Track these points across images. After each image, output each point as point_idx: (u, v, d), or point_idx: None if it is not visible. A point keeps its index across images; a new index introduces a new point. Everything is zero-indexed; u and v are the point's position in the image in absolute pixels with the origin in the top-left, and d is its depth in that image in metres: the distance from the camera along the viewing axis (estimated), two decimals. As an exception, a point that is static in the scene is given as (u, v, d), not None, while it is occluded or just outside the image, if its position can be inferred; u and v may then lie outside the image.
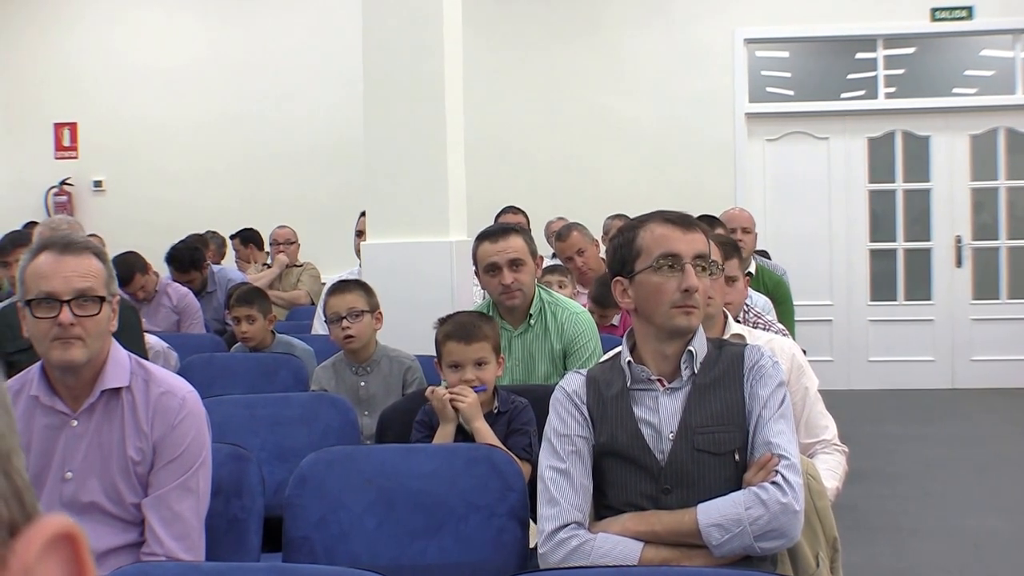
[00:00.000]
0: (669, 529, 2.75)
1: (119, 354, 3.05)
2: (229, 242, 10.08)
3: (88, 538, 0.81)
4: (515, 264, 4.58)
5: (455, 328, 3.88)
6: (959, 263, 11.09)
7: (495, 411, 3.82)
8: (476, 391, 3.73)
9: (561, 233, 7.36)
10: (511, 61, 11.09)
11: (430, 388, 3.92)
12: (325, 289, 5.43)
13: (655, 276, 2.86)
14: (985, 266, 11.14)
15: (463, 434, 3.76)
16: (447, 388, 3.81)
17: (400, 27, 5.87)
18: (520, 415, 3.81)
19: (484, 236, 4.72)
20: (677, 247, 2.87)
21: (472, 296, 5.99)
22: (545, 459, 2.91)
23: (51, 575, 0.78)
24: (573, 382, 2.97)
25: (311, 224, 10.15)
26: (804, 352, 4.29)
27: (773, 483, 2.73)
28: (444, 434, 3.74)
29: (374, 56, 5.93)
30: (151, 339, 5.99)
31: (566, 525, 2.80)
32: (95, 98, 11.52)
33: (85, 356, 2.92)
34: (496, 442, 3.66)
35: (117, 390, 3.01)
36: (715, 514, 2.71)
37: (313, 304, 8.11)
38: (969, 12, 10.78)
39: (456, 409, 3.72)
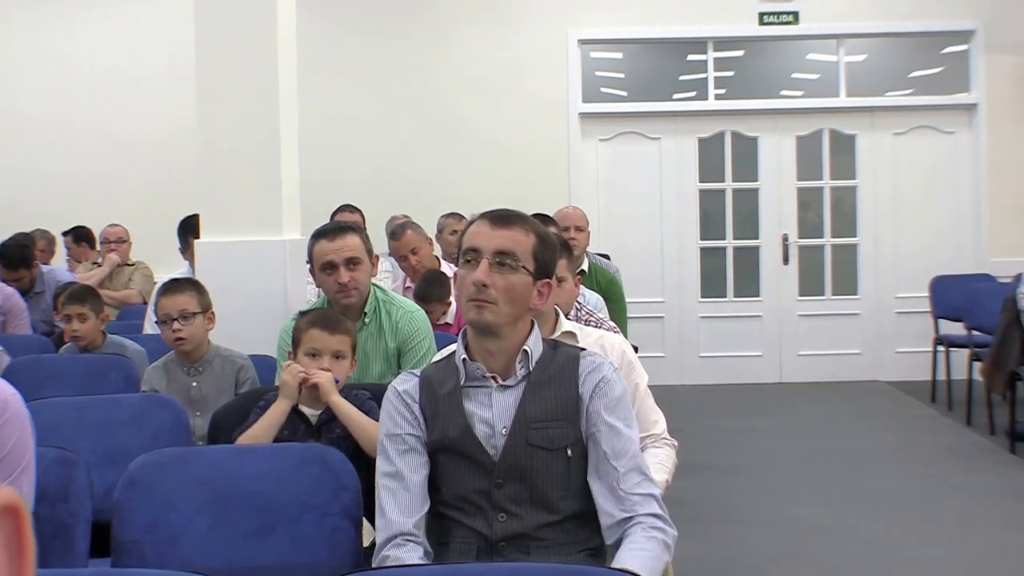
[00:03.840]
0: None
1: (-61, 356, 2.97)
2: (60, 240, 9.88)
3: None
4: (351, 263, 4.56)
5: (320, 317, 4.02)
6: (786, 261, 11.37)
7: None
8: None
9: (395, 232, 7.34)
10: (348, 59, 11.05)
11: (287, 362, 3.95)
12: (156, 289, 5.35)
13: (462, 269, 2.90)
14: (810, 263, 11.45)
15: (306, 423, 3.80)
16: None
17: (234, 24, 5.80)
18: (362, 407, 3.83)
19: (320, 234, 4.68)
20: (479, 242, 2.88)
21: (306, 295, 5.95)
22: (378, 464, 2.91)
23: None
24: (405, 382, 2.97)
25: (143, 223, 9.96)
26: (636, 349, 4.36)
27: (665, 523, 2.82)
28: (278, 410, 3.78)
29: (207, 53, 5.86)
30: (-12, 343, 5.86)
31: (393, 538, 2.81)
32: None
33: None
34: (355, 412, 3.77)
35: (-64, 393, 2.92)
36: (647, 572, 2.71)
37: (145, 304, 7.99)
38: (795, 16, 11.07)
39: (313, 387, 3.80)
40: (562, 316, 3.91)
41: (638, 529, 2.79)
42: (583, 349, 3.06)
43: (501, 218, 2.94)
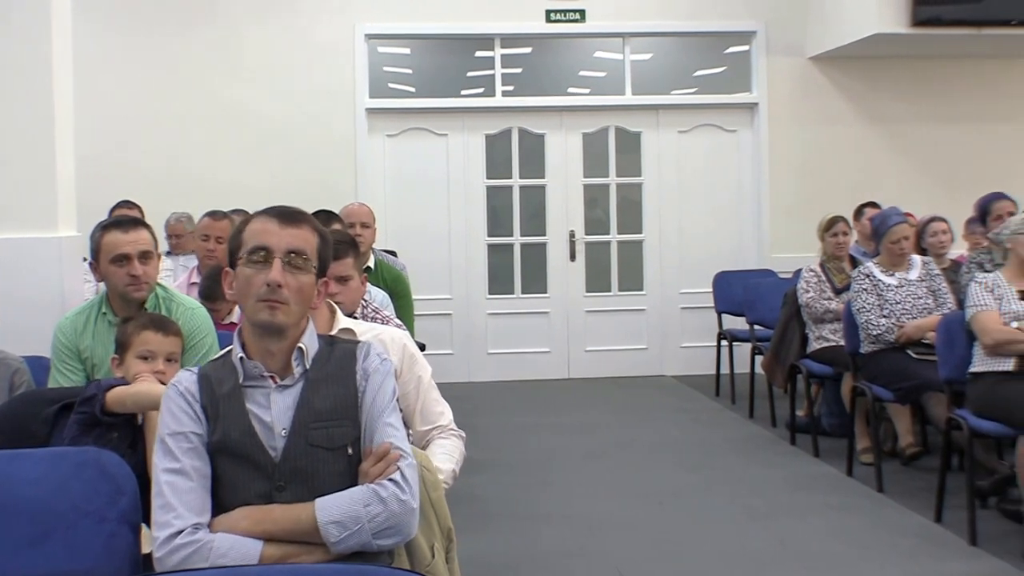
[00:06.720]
0: (284, 529, 2.70)
1: None
2: None
3: None
4: (145, 256, 4.50)
5: (152, 320, 3.98)
6: (573, 257, 11.50)
7: None
8: None
9: (217, 213, 7.19)
10: (125, 49, 10.76)
11: (141, 373, 3.80)
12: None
13: (247, 268, 2.86)
14: (597, 260, 11.61)
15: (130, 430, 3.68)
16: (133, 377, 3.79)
17: (3, 12, 5.60)
18: None
19: (113, 225, 4.58)
20: (269, 240, 2.86)
21: (83, 293, 5.78)
22: (159, 461, 2.82)
23: None
24: (185, 380, 2.89)
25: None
26: (423, 347, 4.34)
27: (392, 480, 2.74)
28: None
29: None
30: None
31: (182, 530, 2.72)
32: None
33: None
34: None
35: None
36: (334, 511, 2.69)
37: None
38: (582, 15, 11.20)
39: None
40: (339, 313, 3.89)
41: None
42: (359, 343, 3.02)
43: (290, 216, 2.91)
